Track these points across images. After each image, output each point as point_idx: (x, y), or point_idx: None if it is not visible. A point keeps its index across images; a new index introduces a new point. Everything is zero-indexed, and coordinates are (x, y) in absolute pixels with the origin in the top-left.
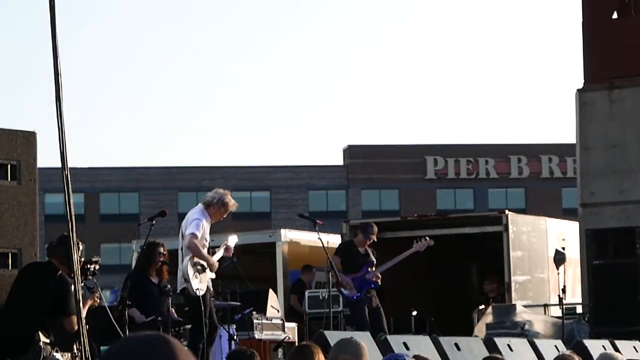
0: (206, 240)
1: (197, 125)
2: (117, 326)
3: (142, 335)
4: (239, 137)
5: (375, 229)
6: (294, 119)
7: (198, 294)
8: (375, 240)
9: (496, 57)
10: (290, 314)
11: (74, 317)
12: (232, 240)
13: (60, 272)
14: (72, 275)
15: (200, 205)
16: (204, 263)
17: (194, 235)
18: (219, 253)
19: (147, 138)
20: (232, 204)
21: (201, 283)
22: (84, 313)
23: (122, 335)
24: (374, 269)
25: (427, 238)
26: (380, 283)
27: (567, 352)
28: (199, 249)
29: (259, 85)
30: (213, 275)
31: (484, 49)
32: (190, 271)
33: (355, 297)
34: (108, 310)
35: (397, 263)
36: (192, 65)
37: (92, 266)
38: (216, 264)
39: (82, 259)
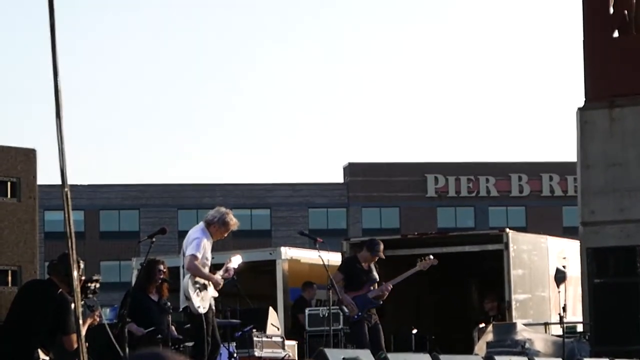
0: (207, 260)
1: (197, 142)
2: (116, 344)
3: (143, 353)
4: (239, 154)
5: (382, 245)
6: (294, 136)
7: (200, 312)
8: (383, 257)
9: (497, 76)
10: (294, 332)
11: (73, 336)
12: (236, 260)
13: (60, 290)
14: (73, 293)
15: (201, 224)
16: (206, 282)
17: (194, 257)
18: (219, 274)
19: (148, 155)
20: (234, 223)
21: (203, 301)
22: (83, 331)
23: (121, 352)
24: (376, 286)
25: (431, 257)
26: (382, 302)
27: None
28: (199, 269)
29: (260, 104)
30: (216, 294)
31: (485, 68)
32: (191, 289)
33: (356, 317)
34: (107, 328)
35: (398, 281)
36: (193, 84)
37: (93, 285)
38: (220, 282)
39: (83, 277)
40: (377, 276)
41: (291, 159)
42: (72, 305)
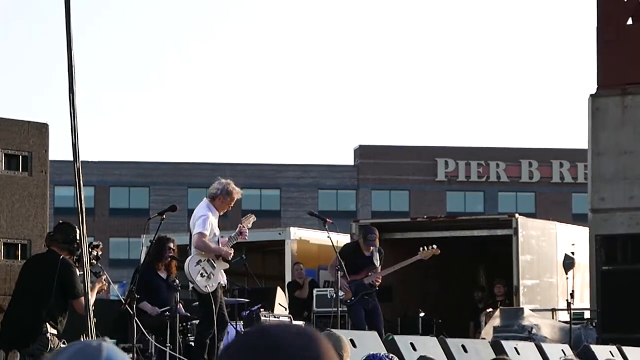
0: (215, 235)
1: (208, 121)
2: (125, 319)
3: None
4: (250, 134)
5: (376, 234)
6: (306, 117)
7: (208, 291)
8: (376, 245)
9: (510, 61)
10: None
11: (83, 299)
12: (250, 220)
13: (62, 256)
14: (74, 259)
15: (205, 200)
16: (213, 258)
17: (202, 234)
18: (233, 235)
19: (158, 133)
20: (237, 191)
21: (209, 280)
22: (93, 297)
23: (129, 328)
24: (376, 271)
25: (434, 246)
26: (378, 287)
27: (571, 357)
28: (207, 245)
29: (272, 83)
30: (226, 266)
31: (498, 52)
32: (193, 272)
33: (349, 301)
34: (122, 299)
35: (396, 269)
36: (205, 62)
37: (94, 251)
38: (230, 252)
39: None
40: (377, 262)
41: (302, 140)
42: (77, 270)
